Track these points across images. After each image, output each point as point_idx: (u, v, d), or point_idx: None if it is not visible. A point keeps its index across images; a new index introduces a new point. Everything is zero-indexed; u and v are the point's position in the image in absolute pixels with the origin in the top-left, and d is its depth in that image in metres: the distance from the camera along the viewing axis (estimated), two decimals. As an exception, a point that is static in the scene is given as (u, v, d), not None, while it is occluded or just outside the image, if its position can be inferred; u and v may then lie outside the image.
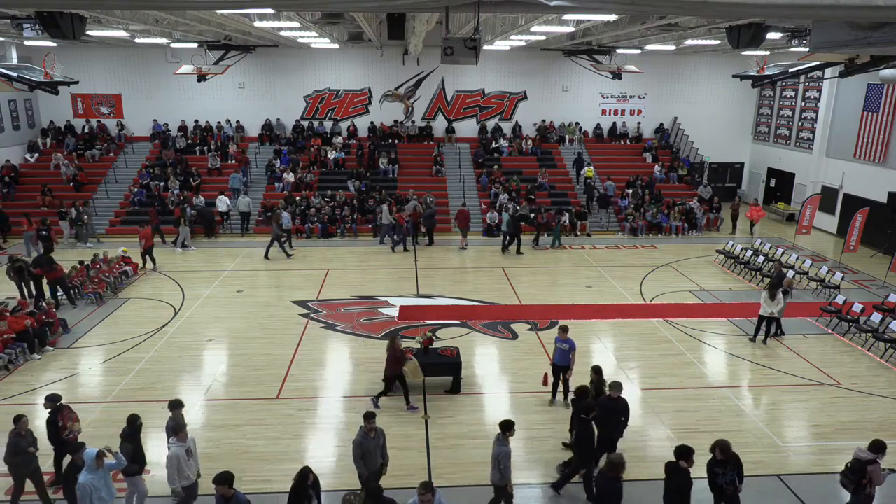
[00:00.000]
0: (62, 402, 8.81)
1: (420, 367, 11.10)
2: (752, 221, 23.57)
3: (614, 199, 25.30)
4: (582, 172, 26.50)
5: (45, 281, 16.02)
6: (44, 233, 19.64)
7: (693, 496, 7.58)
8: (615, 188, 25.59)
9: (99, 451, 7.27)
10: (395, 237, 21.56)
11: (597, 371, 9.87)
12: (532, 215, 22.18)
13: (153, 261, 18.97)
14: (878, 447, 7.79)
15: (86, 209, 22.24)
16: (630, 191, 25.47)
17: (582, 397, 9.14)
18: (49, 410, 8.63)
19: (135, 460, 8.03)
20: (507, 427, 8.04)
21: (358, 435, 7.92)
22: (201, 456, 8.86)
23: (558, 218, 22.58)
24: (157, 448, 9.54)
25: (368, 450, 7.85)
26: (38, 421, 9.40)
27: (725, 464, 7.82)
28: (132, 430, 8.18)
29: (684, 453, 7.60)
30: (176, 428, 7.82)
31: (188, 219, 21.89)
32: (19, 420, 8.23)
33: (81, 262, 16.93)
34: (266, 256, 20.30)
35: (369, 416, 7.98)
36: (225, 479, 6.88)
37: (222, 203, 23.34)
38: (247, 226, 23.42)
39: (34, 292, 16.05)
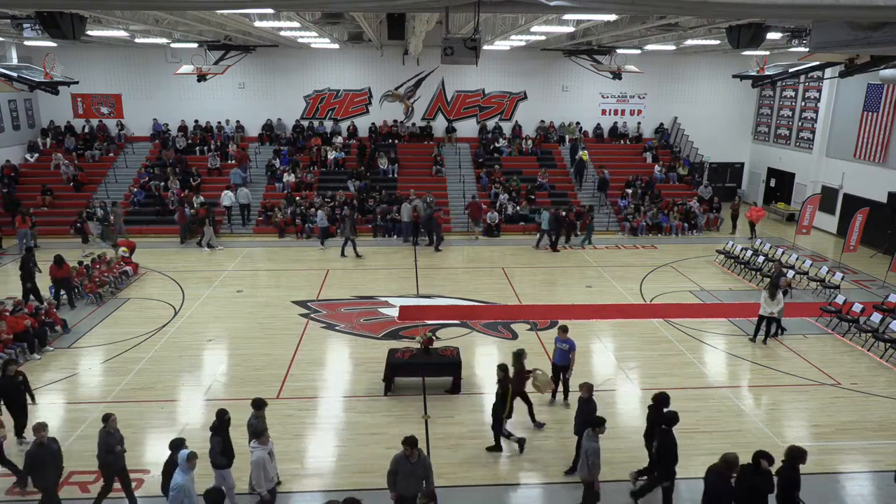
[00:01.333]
0: None
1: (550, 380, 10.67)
2: (751, 222, 23.53)
3: (614, 201, 25.31)
4: (577, 156, 26.79)
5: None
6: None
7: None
8: (609, 173, 26.11)
9: (190, 453, 7.25)
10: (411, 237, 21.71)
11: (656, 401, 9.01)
12: (564, 214, 22.54)
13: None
14: None
15: (114, 209, 22.21)
16: (630, 191, 25.47)
17: (661, 405, 8.74)
18: None
19: (224, 454, 8.12)
20: (597, 423, 8.06)
21: (399, 453, 7.60)
22: (202, 456, 8.86)
23: (591, 215, 22.96)
24: (156, 448, 9.55)
25: (404, 472, 7.47)
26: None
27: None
28: (221, 424, 8.28)
29: (766, 456, 7.34)
30: (257, 431, 7.85)
31: (212, 218, 22.01)
32: (108, 418, 8.24)
33: (80, 263, 16.94)
34: (343, 254, 20.76)
35: (409, 442, 7.47)
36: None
37: (226, 198, 23.58)
38: (248, 217, 23.64)
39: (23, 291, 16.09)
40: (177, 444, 7.57)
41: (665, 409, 8.58)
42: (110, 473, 8.24)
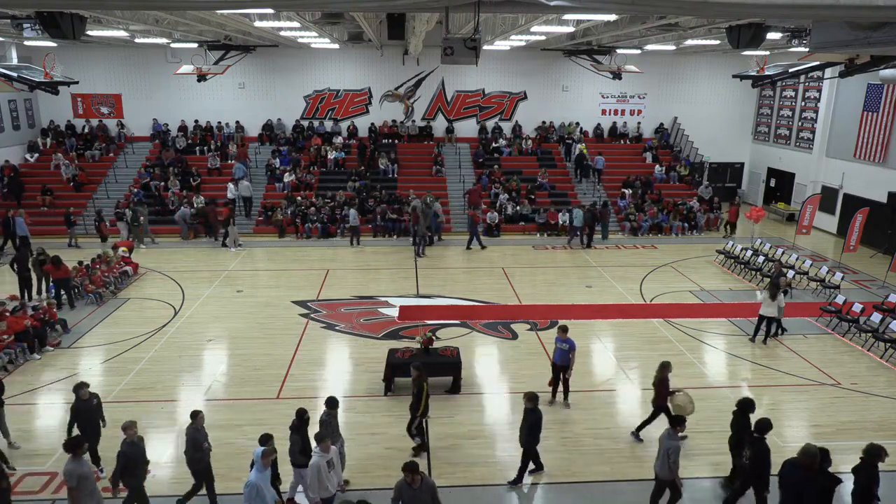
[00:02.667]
0: None
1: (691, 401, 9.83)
2: (731, 223, 23.73)
3: (614, 200, 25.31)
4: (574, 150, 27.12)
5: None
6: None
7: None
8: (604, 161, 26.68)
9: (265, 450, 7.22)
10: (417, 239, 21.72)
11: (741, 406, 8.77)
12: (599, 208, 22.86)
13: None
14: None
15: (140, 209, 22.26)
16: (629, 191, 25.48)
17: (746, 410, 8.54)
18: None
19: (303, 452, 8.13)
20: (677, 422, 8.04)
21: (401, 480, 7.28)
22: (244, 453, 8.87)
23: (608, 210, 23.27)
24: (157, 448, 9.55)
25: (408, 499, 7.14)
26: None
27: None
28: (301, 423, 8.31)
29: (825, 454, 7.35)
30: (318, 437, 7.73)
31: (235, 218, 22.13)
32: (196, 416, 8.27)
33: (81, 262, 16.95)
34: (420, 253, 20.93)
35: (410, 469, 7.14)
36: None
37: (230, 191, 23.88)
38: (249, 210, 23.82)
39: (37, 287, 16.41)
40: (265, 440, 7.54)
41: (750, 415, 8.42)
42: (198, 471, 8.28)
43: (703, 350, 13.74)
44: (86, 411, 8.93)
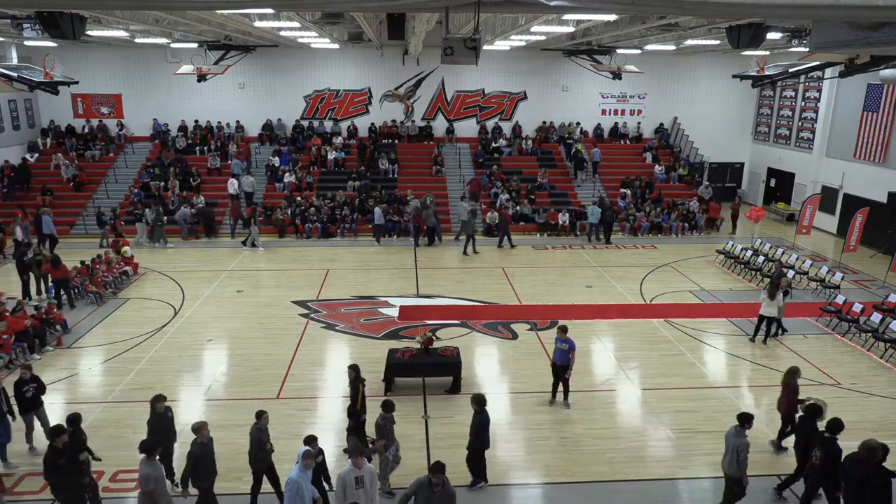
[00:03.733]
0: None
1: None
2: (712, 219, 23.91)
3: (614, 200, 25.30)
4: (574, 149, 27.36)
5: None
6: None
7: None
8: (601, 154, 27.07)
9: (307, 451, 7.20)
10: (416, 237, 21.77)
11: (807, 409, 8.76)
12: (610, 203, 23.17)
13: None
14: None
15: (156, 209, 22.24)
16: (629, 191, 25.47)
17: (814, 417, 8.50)
18: None
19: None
20: (745, 419, 8.08)
21: (423, 477, 7.00)
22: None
23: (612, 212, 23.59)
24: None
25: (423, 500, 6.85)
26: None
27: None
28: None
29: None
30: (351, 450, 7.50)
31: (257, 218, 22.20)
32: (261, 416, 8.29)
33: (83, 262, 16.96)
34: (465, 252, 21.09)
35: (439, 469, 6.80)
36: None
37: (231, 186, 24.10)
38: (251, 203, 24.07)
39: (36, 287, 16.43)
40: (309, 440, 7.60)
41: (817, 420, 8.41)
42: (260, 470, 8.32)
43: (703, 350, 13.74)
44: (164, 424, 8.72)
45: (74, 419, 8.16)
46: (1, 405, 9.30)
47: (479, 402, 8.80)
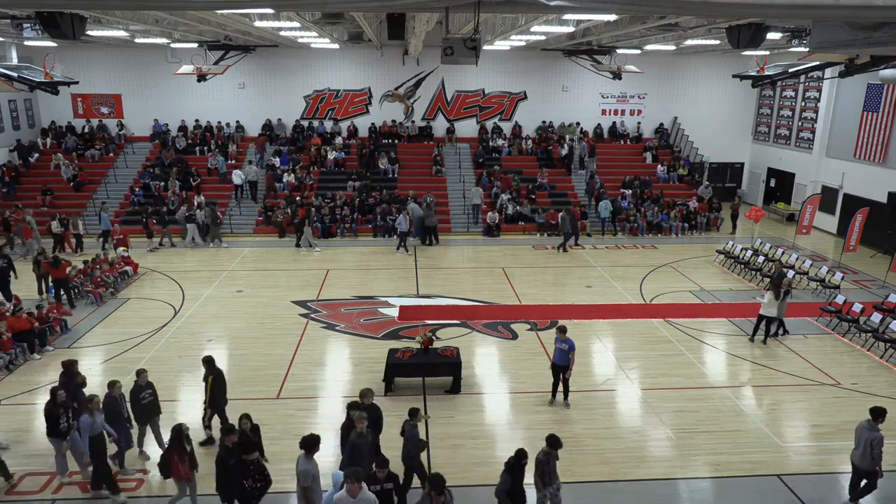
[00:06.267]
0: None
1: None
2: (694, 212, 23.99)
3: (614, 200, 25.31)
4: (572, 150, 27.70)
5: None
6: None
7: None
8: (585, 146, 27.49)
9: (348, 472, 6.76)
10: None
11: None
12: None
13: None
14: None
15: (213, 208, 22.33)
16: (629, 191, 25.46)
17: (878, 417, 8.32)
18: None
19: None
20: (879, 413, 8.15)
21: (424, 494, 6.93)
22: (203, 455, 8.86)
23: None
24: (157, 448, 9.53)
25: None
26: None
27: None
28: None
29: None
30: (347, 474, 6.81)
31: (312, 219, 22.23)
32: (415, 413, 8.46)
33: (85, 262, 16.97)
34: (564, 249, 21.48)
35: (437, 486, 6.73)
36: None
37: (236, 176, 24.52)
38: (254, 193, 24.56)
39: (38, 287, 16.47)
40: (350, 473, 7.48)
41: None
42: (414, 466, 8.46)
43: (704, 350, 13.74)
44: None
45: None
46: (123, 412, 9.10)
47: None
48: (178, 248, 21.56)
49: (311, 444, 7.44)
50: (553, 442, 8.00)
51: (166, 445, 8.16)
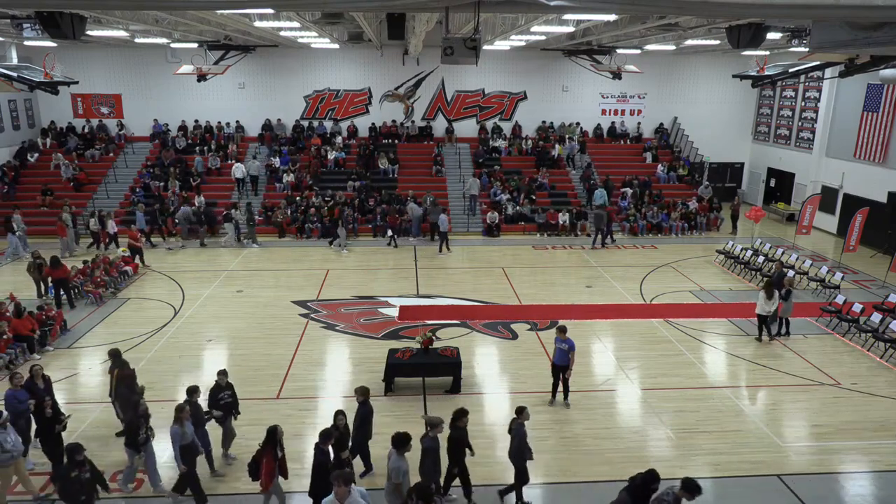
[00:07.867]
0: None
1: None
2: (687, 210, 24.14)
3: (614, 200, 25.31)
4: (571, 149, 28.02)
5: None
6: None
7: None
8: (572, 146, 27.86)
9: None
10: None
11: None
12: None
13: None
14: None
15: (249, 208, 22.38)
16: (629, 191, 25.47)
17: None
18: None
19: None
20: None
21: None
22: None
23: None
24: (156, 448, 9.52)
25: None
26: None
27: None
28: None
29: None
30: (334, 477, 6.63)
31: (346, 220, 22.28)
32: (522, 411, 8.54)
33: (85, 262, 16.97)
34: (602, 245, 21.87)
35: (425, 498, 6.49)
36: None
37: (238, 170, 24.73)
38: (256, 189, 24.65)
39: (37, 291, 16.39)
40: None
41: None
42: (522, 467, 8.55)
43: (703, 350, 13.74)
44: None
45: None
46: (200, 414, 9.07)
47: (364, 393, 8.90)
48: (178, 249, 21.55)
49: (402, 441, 7.54)
50: (432, 423, 8.11)
51: (258, 446, 8.00)
